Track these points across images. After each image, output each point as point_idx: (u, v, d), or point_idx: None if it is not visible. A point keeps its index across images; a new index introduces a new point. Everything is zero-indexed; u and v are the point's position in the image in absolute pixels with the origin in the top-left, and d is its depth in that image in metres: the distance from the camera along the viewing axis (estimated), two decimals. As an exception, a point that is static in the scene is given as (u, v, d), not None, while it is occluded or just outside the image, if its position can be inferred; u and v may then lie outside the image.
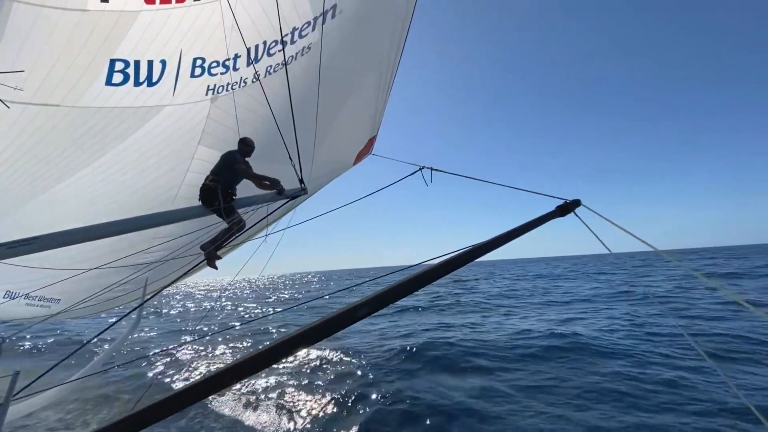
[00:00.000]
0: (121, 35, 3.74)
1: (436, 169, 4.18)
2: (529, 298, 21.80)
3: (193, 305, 33.65)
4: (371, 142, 7.25)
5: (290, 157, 4.13)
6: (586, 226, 1.56)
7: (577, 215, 1.54)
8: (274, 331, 16.03)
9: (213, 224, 4.59)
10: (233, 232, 4.24)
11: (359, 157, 7.47)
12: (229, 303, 33.25)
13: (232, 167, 4.42)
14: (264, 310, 24.77)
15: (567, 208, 1.55)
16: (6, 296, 6.96)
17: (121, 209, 5.54)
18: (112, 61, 3.86)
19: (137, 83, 4.12)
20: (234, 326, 16.22)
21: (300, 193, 4.62)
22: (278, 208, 4.92)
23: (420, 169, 4.30)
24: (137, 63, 3.99)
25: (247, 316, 22.34)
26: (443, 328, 13.44)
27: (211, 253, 4.23)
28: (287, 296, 37.03)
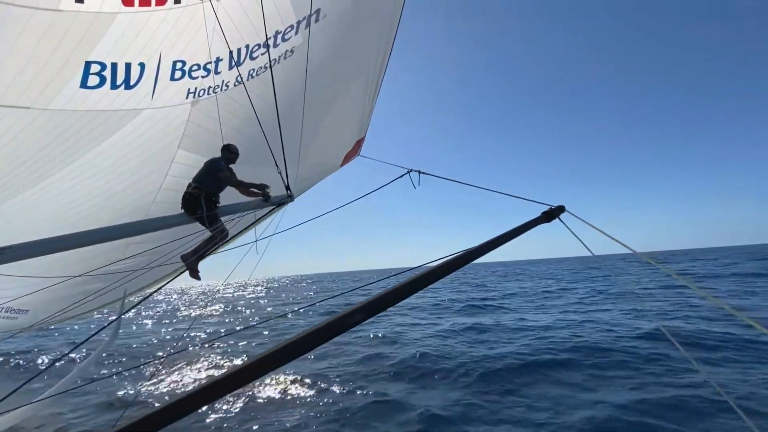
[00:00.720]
0: (98, 37, 3.59)
1: (423, 173, 4.21)
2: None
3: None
4: (359, 143, 7.23)
5: (276, 163, 4.06)
6: (571, 231, 1.61)
7: (561, 221, 1.59)
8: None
9: (195, 232, 4.46)
10: (216, 241, 4.12)
11: (347, 159, 7.44)
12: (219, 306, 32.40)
13: (215, 175, 4.31)
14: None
15: (552, 214, 1.60)
16: None
17: (97, 215, 5.34)
18: (88, 63, 3.71)
19: (114, 86, 3.97)
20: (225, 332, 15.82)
21: (286, 200, 4.54)
22: (264, 216, 4.83)
23: (408, 172, 4.32)
24: (114, 65, 3.84)
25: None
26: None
27: (193, 264, 4.10)
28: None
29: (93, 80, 3.84)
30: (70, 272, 6.06)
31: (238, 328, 20.25)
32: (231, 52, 4.43)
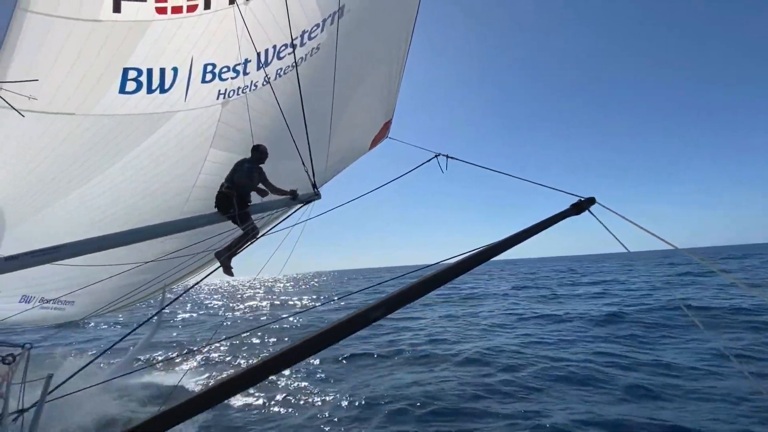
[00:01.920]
0: (134, 44, 3.75)
1: (451, 157, 4.12)
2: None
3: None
4: (387, 125, 7.20)
5: (303, 162, 4.14)
6: (602, 224, 1.52)
7: (592, 213, 1.50)
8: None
9: (228, 230, 4.63)
10: (248, 238, 4.27)
11: (375, 142, 7.44)
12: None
13: (246, 176, 4.44)
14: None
15: (581, 206, 1.50)
16: (22, 300, 7.10)
17: (136, 213, 5.61)
18: (126, 70, 3.88)
19: (150, 90, 4.14)
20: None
21: (313, 198, 4.64)
22: (292, 213, 4.96)
23: (436, 156, 4.25)
24: (150, 71, 4.00)
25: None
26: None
27: (227, 261, 4.27)
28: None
29: (130, 86, 4.01)
30: (111, 266, 6.42)
31: (263, 319, 20.87)
32: (259, 53, 4.52)
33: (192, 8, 3.83)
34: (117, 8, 3.50)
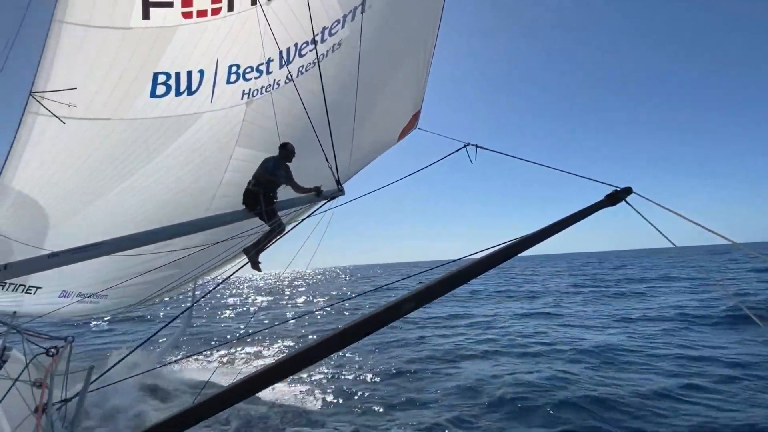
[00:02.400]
0: (163, 49, 3.88)
1: (481, 147, 4.07)
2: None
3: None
4: (416, 116, 7.17)
5: (326, 158, 4.22)
6: (643, 217, 1.45)
7: (629, 204, 1.42)
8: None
9: (255, 227, 4.77)
10: (275, 234, 4.40)
11: (404, 133, 7.41)
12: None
13: (270, 173, 4.54)
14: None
15: (617, 196, 1.41)
16: (61, 295, 7.50)
17: (166, 210, 5.83)
18: (156, 74, 4.03)
19: (178, 93, 4.28)
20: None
21: (337, 194, 4.73)
22: (316, 209, 5.07)
23: (465, 146, 4.21)
24: (178, 74, 4.14)
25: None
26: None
27: (254, 257, 4.42)
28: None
29: (160, 89, 4.17)
30: (143, 261, 6.71)
31: (295, 312, 21.22)
32: (281, 52, 4.61)
33: (216, 11, 3.93)
34: (146, 15, 3.63)
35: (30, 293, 6.96)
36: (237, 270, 4.83)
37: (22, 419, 3.08)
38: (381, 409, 7.28)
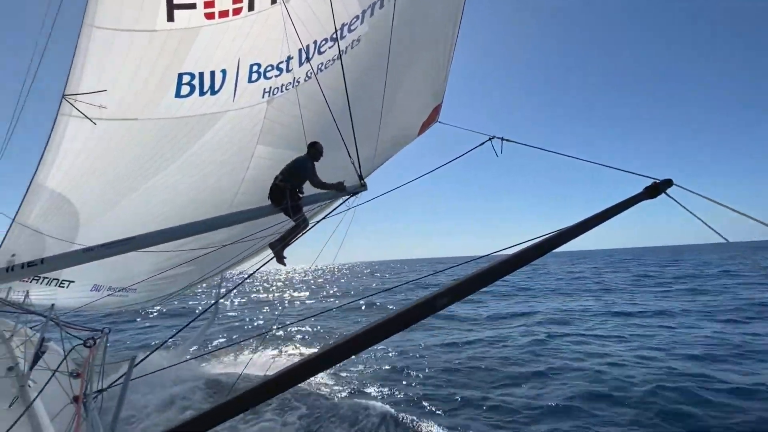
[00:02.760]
0: (187, 50, 3.97)
1: (507, 140, 3.93)
2: None
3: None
4: (436, 110, 7.09)
5: (349, 154, 4.25)
6: (689, 211, 1.40)
7: (670, 196, 1.37)
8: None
9: (280, 222, 4.86)
10: (300, 229, 4.47)
11: (424, 127, 7.34)
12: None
13: (302, 173, 4.59)
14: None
15: (657, 188, 1.35)
16: (93, 289, 7.82)
17: (191, 207, 5.99)
18: (180, 75, 4.13)
19: (202, 93, 4.38)
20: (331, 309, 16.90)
21: (360, 189, 4.77)
22: (339, 204, 5.12)
23: (490, 139, 4.07)
24: (201, 74, 4.23)
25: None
26: None
27: (280, 252, 4.51)
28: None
29: (185, 89, 4.27)
30: (170, 257, 6.92)
31: (327, 306, 21.37)
32: (300, 50, 4.65)
33: (237, 11, 3.99)
34: (171, 17, 3.72)
35: (63, 287, 7.28)
36: (263, 265, 4.94)
37: (61, 408, 3.22)
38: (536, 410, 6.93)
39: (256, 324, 17.49)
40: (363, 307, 19.67)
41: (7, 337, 5.78)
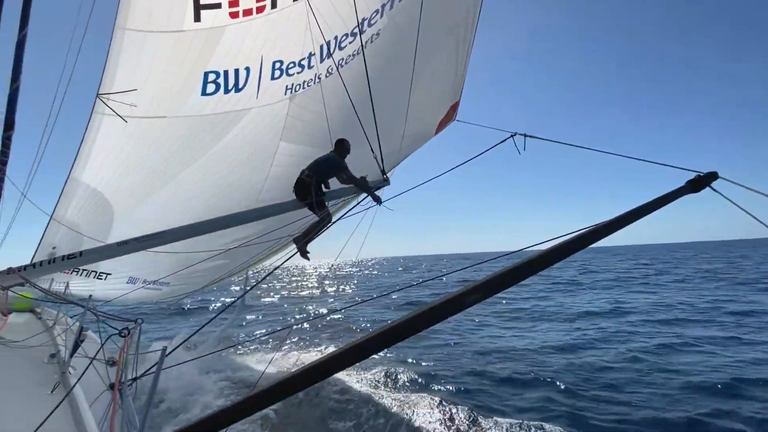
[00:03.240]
0: (212, 49, 4.08)
1: (530, 136, 3.81)
2: None
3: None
4: (454, 108, 7.02)
5: (371, 149, 4.27)
6: (737, 205, 1.35)
7: (715, 190, 1.32)
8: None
9: (303, 217, 4.94)
10: (323, 224, 4.52)
11: (441, 125, 7.27)
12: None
13: (332, 169, 4.60)
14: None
15: (701, 181, 1.31)
16: (129, 281, 8.17)
17: (218, 203, 6.16)
18: (206, 73, 4.25)
19: (227, 91, 4.49)
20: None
21: (383, 184, 4.80)
22: (362, 199, 5.17)
23: (512, 135, 3.99)
24: (226, 72, 4.34)
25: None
26: None
27: (303, 246, 4.58)
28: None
29: (210, 88, 4.39)
30: (204, 252, 7.15)
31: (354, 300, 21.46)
32: (321, 46, 4.69)
33: (261, 9, 4.07)
34: (197, 17, 3.83)
35: (101, 279, 7.65)
36: (287, 259, 5.04)
37: (98, 395, 3.40)
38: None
39: (287, 318, 17.77)
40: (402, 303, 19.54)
41: (50, 326, 6.12)
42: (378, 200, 4.83)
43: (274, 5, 4.10)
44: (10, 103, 5.62)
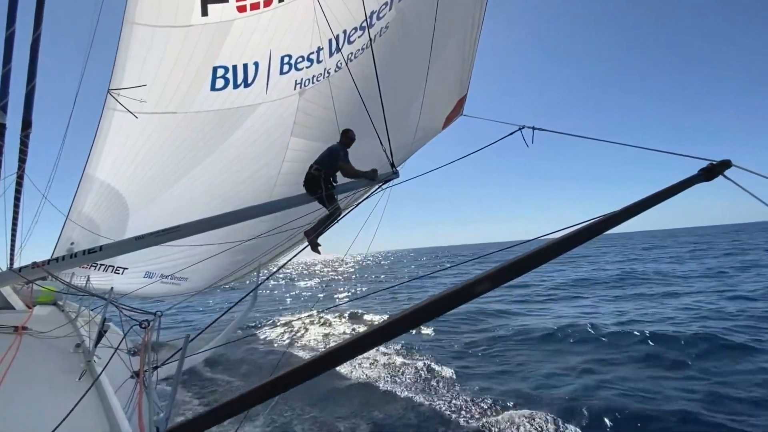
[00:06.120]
0: (220, 43, 4.08)
1: (538, 128, 3.75)
2: None
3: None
4: (461, 102, 6.94)
5: (381, 142, 4.22)
6: (748, 192, 1.35)
7: (728, 178, 1.32)
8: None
9: (314, 211, 4.94)
10: (334, 218, 4.52)
11: (448, 121, 7.19)
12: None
13: (334, 160, 4.62)
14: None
15: (714, 170, 1.31)
16: (146, 276, 8.32)
17: (230, 199, 6.18)
18: (215, 68, 4.25)
19: (236, 86, 4.49)
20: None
21: (392, 176, 4.76)
22: (372, 192, 5.15)
23: (520, 128, 3.92)
24: (235, 67, 4.33)
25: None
26: None
27: (314, 240, 4.60)
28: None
29: (219, 83, 4.39)
30: (216, 247, 7.23)
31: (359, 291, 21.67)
32: (330, 40, 4.64)
33: (268, 2, 4.04)
34: (205, 12, 3.82)
35: (119, 273, 7.81)
36: (297, 253, 5.08)
37: (122, 382, 3.50)
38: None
39: (296, 306, 17.93)
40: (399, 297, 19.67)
41: (72, 318, 6.29)
42: (378, 180, 4.71)
43: (281, -2, 4.06)
44: (27, 101, 5.74)
